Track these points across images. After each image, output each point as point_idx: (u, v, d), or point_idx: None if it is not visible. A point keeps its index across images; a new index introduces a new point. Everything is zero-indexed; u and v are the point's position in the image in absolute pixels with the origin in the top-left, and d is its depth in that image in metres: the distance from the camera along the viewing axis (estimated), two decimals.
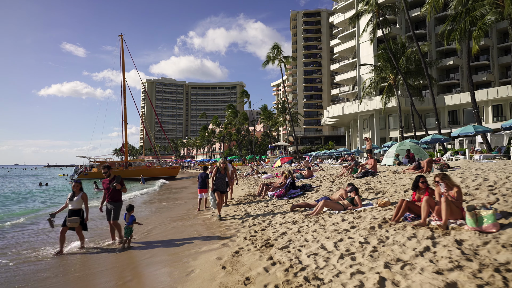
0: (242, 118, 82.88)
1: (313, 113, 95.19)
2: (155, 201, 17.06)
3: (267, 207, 9.37)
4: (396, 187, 8.67)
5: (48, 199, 19.69)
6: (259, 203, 10.22)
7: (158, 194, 21.23)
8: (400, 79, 32.32)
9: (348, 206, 7.23)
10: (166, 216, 10.74)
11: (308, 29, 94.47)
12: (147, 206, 14.96)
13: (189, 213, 10.94)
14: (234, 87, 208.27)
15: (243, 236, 6.35)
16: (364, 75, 48.92)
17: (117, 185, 7.08)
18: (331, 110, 52.97)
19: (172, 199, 17.25)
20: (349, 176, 12.85)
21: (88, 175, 42.62)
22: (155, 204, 15.34)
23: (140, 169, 44.88)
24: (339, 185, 11.15)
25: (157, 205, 14.78)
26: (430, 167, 10.40)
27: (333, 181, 12.49)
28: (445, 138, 22.25)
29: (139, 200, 17.75)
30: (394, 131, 46.76)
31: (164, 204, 14.98)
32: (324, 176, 14.98)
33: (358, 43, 50.40)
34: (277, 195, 10.66)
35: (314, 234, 5.59)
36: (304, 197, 10.10)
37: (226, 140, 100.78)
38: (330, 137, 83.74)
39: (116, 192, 7.15)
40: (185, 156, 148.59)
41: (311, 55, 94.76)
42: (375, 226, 5.41)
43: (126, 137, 44.70)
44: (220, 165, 9.05)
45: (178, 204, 14.31)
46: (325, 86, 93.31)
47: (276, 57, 54.30)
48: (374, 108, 45.57)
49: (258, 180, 19.99)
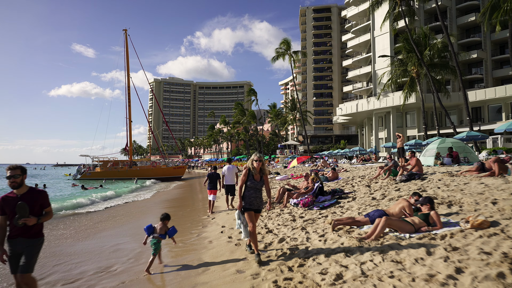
0: (250, 117, 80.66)
1: (323, 112, 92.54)
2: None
3: (293, 220, 7.11)
4: (472, 196, 6.34)
5: None
6: (282, 215, 7.96)
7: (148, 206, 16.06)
8: (423, 71, 29.75)
9: (421, 225, 4.96)
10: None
11: (318, 25, 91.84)
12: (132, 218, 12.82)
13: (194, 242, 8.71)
14: (242, 86, 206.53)
15: (271, 278, 4.11)
16: (380, 70, 46.32)
17: (28, 220, 3.50)
18: (344, 107, 50.42)
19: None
20: (388, 179, 10.54)
21: (91, 175, 40.83)
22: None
23: (144, 169, 43.00)
24: (381, 191, 8.82)
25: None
26: (505, 169, 8.01)
27: (369, 185, 10.18)
28: (483, 135, 19.72)
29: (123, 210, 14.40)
30: (412, 129, 44.05)
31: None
32: (352, 179, 12.66)
33: (373, 36, 47.77)
34: (303, 204, 8.40)
35: (396, 284, 3.33)
36: (339, 207, 7.82)
37: (234, 140, 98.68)
38: (341, 136, 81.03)
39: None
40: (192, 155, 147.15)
41: (321, 52, 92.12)
42: (504, 273, 3.14)
43: (130, 135, 42.84)
44: (253, 165, 5.08)
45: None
46: (335, 84, 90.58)
47: (285, 53, 52.00)
48: (391, 105, 42.96)
49: (271, 182, 17.76)
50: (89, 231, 9.41)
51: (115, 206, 15.76)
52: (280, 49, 50.87)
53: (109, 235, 8.70)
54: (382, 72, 46.11)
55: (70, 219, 11.94)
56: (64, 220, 11.65)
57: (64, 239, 8.26)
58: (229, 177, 10.63)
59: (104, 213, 13.47)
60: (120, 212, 13.48)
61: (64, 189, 26.65)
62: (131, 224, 10.50)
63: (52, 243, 7.74)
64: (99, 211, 13.96)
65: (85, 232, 9.28)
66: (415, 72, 29.60)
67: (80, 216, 12.54)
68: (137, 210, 14.13)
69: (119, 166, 42.41)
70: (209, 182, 10.64)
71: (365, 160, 25.96)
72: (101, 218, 11.99)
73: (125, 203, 16.97)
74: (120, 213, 13.34)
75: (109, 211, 14.08)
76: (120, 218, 11.86)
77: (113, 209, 14.75)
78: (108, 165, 42.16)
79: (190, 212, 12.20)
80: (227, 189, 10.76)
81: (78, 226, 10.25)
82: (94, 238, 8.30)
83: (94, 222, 10.99)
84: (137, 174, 41.09)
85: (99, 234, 8.89)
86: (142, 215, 12.43)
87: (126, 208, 14.87)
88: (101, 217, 12.24)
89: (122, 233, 9.01)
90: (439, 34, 42.88)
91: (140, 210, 14.27)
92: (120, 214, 12.90)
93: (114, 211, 13.86)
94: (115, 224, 10.51)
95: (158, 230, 5.32)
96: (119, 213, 13.34)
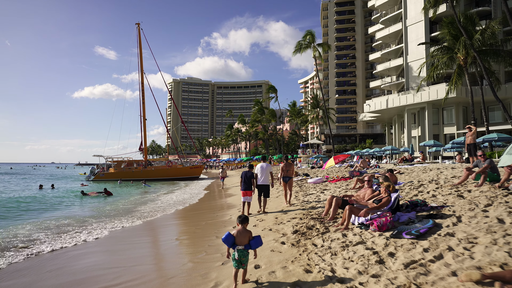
0: (269, 115, 77.67)
1: (346, 110, 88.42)
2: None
3: (380, 262, 4.09)
4: None
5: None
6: (351, 246, 4.94)
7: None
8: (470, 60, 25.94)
9: None
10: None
11: (341, 19, 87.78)
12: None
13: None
14: (260, 85, 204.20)
15: None
16: (414, 62, 42.41)
17: None
18: (372, 103, 46.65)
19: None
20: (489, 186, 7.35)
21: (105, 176, 38.85)
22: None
23: (160, 169, 40.76)
24: (499, 206, 5.65)
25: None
26: None
27: (462, 195, 7.02)
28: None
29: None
30: (450, 126, 39.86)
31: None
32: (421, 184, 9.47)
33: (405, 26, 43.80)
34: (378, 226, 5.38)
35: None
36: (447, 235, 4.72)
37: (252, 139, 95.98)
38: (365, 135, 76.90)
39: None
40: (210, 155, 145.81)
41: (344, 47, 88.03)
42: None
43: (145, 134, 40.73)
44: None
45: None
46: (359, 80, 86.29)
47: (309, 45, 48.63)
48: (426, 100, 39.01)
49: (302, 185, 14.74)
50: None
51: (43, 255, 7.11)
52: (303, 42, 47.55)
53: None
54: (415, 64, 42.27)
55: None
56: None
57: None
58: (263, 177, 9.66)
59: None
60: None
61: (64, 196, 21.41)
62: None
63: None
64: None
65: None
66: (462, 60, 25.81)
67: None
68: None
69: (134, 166, 40.32)
70: (243, 182, 9.49)
71: (407, 160, 22.47)
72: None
73: (95, 239, 8.56)
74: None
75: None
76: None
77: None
78: (122, 165, 40.14)
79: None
80: (260, 189, 9.73)
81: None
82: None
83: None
84: (152, 174, 38.90)
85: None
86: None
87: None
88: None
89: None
90: (482, 20, 38.57)
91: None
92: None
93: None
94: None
95: (240, 239, 4.23)
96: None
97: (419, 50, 41.43)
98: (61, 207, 16.23)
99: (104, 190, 21.43)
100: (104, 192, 21.17)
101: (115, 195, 21.28)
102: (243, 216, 4.48)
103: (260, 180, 9.63)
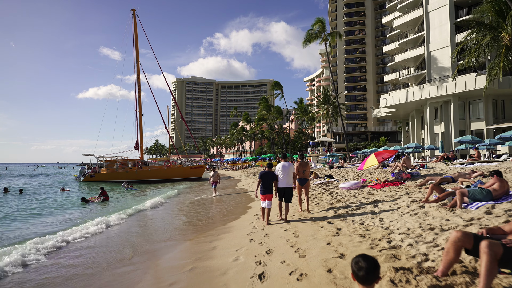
0: (275, 112, 73.82)
1: (356, 107, 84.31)
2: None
3: None
4: None
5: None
6: None
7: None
8: None
9: None
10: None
11: (350, 12, 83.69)
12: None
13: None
14: (264, 84, 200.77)
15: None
16: (436, 51, 38.37)
17: None
18: (389, 97, 42.57)
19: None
20: None
21: (96, 177, 35.12)
22: None
23: (157, 170, 37.04)
24: None
25: None
26: None
27: None
28: None
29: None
30: (477, 121, 35.67)
31: None
32: None
33: (426, 11, 39.71)
34: None
35: None
36: None
37: (257, 138, 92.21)
38: (377, 133, 72.76)
39: None
40: (214, 155, 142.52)
41: (353, 41, 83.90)
42: None
43: (141, 131, 37.08)
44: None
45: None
46: (369, 76, 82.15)
47: (318, 35, 44.51)
48: (452, 92, 34.93)
49: (333, 192, 10.90)
50: None
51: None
52: (313, 31, 43.46)
53: None
54: (439, 54, 38.23)
55: None
56: None
57: None
58: (285, 178, 8.16)
59: None
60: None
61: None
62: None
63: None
64: None
65: None
66: (508, 39, 21.75)
67: None
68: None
69: (128, 166, 36.57)
70: (262, 184, 8.10)
71: (448, 159, 18.54)
72: None
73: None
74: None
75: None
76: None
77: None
78: (115, 165, 36.36)
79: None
80: (281, 193, 8.20)
81: None
82: None
83: None
84: (148, 175, 35.20)
85: None
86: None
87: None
88: None
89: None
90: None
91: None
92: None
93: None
94: None
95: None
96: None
97: (443, 37, 37.39)
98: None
99: (101, 190, 18.48)
100: (102, 194, 18.09)
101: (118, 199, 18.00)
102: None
103: (283, 182, 8.11)
